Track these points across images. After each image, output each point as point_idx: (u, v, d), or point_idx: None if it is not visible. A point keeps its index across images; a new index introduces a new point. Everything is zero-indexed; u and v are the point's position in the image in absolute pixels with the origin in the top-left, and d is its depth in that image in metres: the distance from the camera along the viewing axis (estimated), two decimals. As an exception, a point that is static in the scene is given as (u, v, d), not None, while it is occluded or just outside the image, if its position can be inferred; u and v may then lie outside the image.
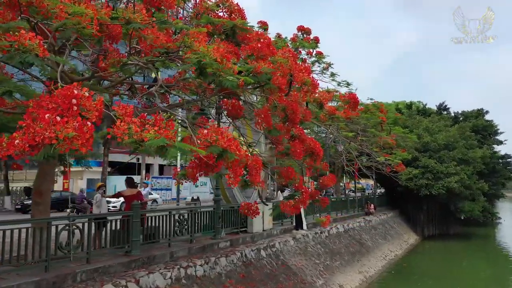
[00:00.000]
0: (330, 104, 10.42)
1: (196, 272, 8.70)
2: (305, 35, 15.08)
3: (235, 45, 6.95)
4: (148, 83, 9.78)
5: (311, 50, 15.65)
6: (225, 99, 8.38)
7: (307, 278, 12.02)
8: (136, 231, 8.29)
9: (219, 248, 10.55)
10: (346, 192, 41.24)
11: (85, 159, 31.08)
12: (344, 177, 39.62)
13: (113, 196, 9.55)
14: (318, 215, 17.99)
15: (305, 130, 25.06)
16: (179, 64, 4.96)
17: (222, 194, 13.14)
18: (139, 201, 8.70)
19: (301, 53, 16.25)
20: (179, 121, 10.11)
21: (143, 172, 35.46)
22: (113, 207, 20.73)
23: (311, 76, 6.89)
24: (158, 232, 9.35)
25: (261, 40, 6.31)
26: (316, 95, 8.90)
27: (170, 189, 39.27)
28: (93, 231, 7.97)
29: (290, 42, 15.29)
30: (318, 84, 7.40)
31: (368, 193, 38.11)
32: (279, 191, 18.29)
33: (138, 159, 35.82)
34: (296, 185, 8.05)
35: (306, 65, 13.71)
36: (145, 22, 4.40)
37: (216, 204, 11.11)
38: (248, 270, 10.27)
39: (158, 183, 39.53)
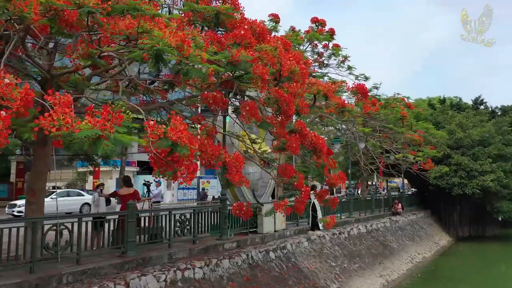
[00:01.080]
0: (340, 97, 9.78)
1: (195, 274, 8.34)
2: (319, 27, 14.41)
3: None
4: (148, 79, 9.53)
5: (327, 43, 14.96)
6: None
7: (320, 281, 11.42)
8: (131, 231, 8.04)
9: (224, 249, 10.16)
10: (382, 191, 39.92)
11: (112, 158, 31.58)
12: (376, 176, 38.32)
13: (109, 195, 9.37)
14: (338, 214, 17.32)
15: (328, 128, 24.35)
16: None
17: (231, 193, 12.78)
18: (136, 200, 8.45)
19: (317, 46, 15.61)
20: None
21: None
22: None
23: (302, 65, 6.34)
24: (161, 233, 9.09)
25: (246, 27, 5.84)
26: (320, 87, 8.35)
27: (195, 188, 39.41)
28: (89, 231, 7.79)
29: (304, 34, 14.69)
30: (307, 73, 6.83)
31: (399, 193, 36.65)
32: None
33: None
34: (296, 183, 7.53)
35: (314, 58, 13.12)
36: (102, 7, 4.05)
37: (222, 204, 10.73)
38: (253, 272, 9.82)
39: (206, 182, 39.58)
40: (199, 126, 9.24)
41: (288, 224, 13.92)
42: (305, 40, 14.40)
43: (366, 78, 16.70)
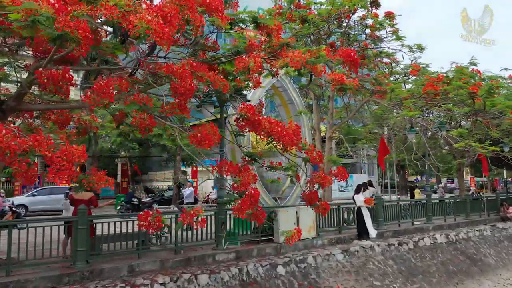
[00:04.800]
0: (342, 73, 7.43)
1: (151, 292, 7.13)
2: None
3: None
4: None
5: (376, 12, 12.23)
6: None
7: (345, 306, 9.14)
8: (81, 240, 7.21)
9: (215, 262, 8.72)
10: (472, 191, 33.03)
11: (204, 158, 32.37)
12: (469, 171, 31.76)
13: (68, 199, 8.75)
14: (409, 220, 14.28)
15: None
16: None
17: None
18: (93, 207, 7.63)
19: (365, 17, 12.99)
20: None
21: (190, 169, 32.00)
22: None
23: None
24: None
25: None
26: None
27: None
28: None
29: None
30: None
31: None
32: (360, 191, 15.03)
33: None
34: (235, 184, 5.74)
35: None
36: None
37: (219, 208, 9.28)
38: (243, 292, 8.18)
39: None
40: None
41: (327, 231, 11.74)
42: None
43: (422, 49, 13.32)
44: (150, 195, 25.08)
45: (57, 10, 3.76)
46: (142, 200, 22.09)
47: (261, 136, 5.98)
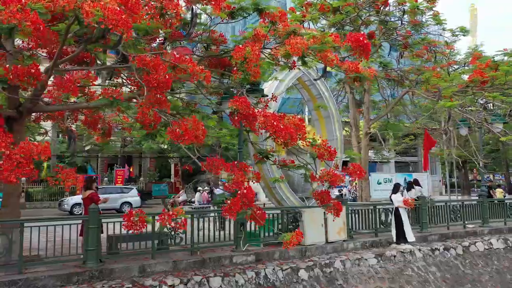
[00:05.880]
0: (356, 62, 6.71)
1: (159, 295, 6.96)
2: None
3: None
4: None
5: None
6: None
7: (374, 316, 8.37)
8: (92, 239, 7.22)
9: (232, 264, 8.39)
10: None
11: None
12: None
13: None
14: (460, 222, 12.95)
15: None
16: None
17: (270, 196, 10.77)
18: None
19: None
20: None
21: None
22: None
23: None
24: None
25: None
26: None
27: (346, 186, 36.81)
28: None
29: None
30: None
31: None
32: (405, 190, 13.98)
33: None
34: (227, 184, 5.36)
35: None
36: None
37: (237, 208, 8.92)
38: (259, 297, 7.77)
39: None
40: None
41: (362, 233, 10.93)
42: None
43: (465, 32, 11.86)
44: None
45: (4, 2, 3.64)
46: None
47: (255, 131, 5.52)
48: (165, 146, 32.34)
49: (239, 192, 5.23)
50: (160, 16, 4.60)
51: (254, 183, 6.21)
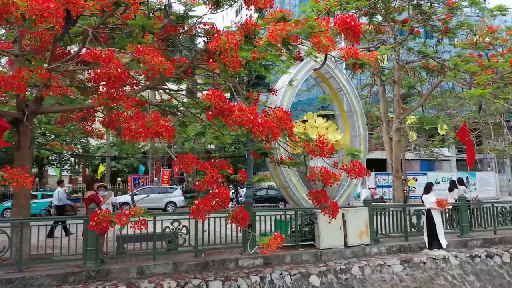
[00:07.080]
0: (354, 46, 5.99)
1: (153, 298, 6.76)
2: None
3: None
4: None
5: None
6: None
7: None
8: (91, 239, 7.21)
9: (237, 267, 8.00)
10: None
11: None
12: None
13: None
14: (503, 227, 11.51)
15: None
16: None
17: (286, 196, 10.22)
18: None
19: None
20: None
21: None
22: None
23: None
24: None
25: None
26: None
27: (390, 186, 35.03)
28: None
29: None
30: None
31: None
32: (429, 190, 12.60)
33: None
34: (197, 183, 4.98)
35: None
36: None
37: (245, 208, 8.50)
38: (261, 304, 7.31)
39: (384, 179, 36.02)
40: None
41: (390, 237, 10.03)
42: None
43: (504, 11, 10.26)
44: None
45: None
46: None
47: (231, 127, 5.09)
48: (212, 146, 32.66)
49: (210, 191, 4.84)
50: (113, 4, 4.34)
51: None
